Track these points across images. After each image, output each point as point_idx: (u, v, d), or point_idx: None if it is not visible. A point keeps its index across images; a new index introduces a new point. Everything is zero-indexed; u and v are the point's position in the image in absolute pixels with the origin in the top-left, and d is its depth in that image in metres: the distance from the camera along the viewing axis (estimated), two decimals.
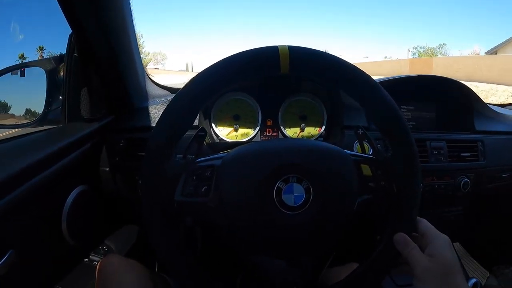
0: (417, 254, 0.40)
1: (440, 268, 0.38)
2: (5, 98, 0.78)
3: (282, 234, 0.42)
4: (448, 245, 0.41)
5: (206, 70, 0.41)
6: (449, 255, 0.39)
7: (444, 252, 0.40)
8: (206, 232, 0.79)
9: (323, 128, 0.86)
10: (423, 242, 0.42)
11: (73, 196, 0.65)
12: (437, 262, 0.39)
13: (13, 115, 0.79)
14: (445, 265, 0.39)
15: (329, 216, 0.43)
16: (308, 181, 0.41)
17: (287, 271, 0.45)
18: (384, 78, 0.87)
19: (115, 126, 0.77)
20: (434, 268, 0.38)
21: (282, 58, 0.40)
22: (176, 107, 0.41)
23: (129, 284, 0.57)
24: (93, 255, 0.93)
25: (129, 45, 0.75)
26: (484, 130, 0.88)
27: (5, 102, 0.79)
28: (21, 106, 0.80)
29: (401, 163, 0.44)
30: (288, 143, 0.49)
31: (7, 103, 0.79)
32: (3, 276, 0.48)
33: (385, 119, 0.43)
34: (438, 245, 0.40)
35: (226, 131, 0.85)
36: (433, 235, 0.42)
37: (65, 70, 0.74)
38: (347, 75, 0.42)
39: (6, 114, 0.80)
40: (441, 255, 0.39)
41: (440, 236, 0.42)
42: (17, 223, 0.52)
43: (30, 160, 0.54)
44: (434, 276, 0.38)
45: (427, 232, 0.42)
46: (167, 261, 0.42)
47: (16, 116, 0.79)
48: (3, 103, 0.80)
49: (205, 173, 0.43)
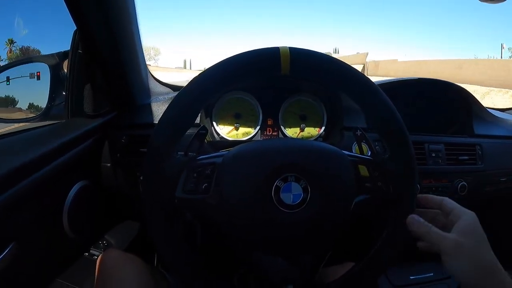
0: (438, 232, 0.41)
1: (472, 242, 0.39)
2: (9, 92, 0.79)
3: (280, 232, 0.43)
4: (476, 221, 0.41)
5: (207, 70, 0.42)
6: (478, 230, 0.40)
7: (475, 227, 0.40)
8: (205, 229, 0.80)
9: (323, 128, 0.87)
10: (449, 219, 0.43)
11: (74, 191, 0.66)
12: (469, 237, 0.39)
13: (20, 108, 0.80)
14: (476, 240, 0.39)
15: (326, 215, 0.43)
16: (306, 181, 0.42)
17: (284, 269, 0.46)
18: (383, 81, 0.88)
19: (117, 123, 0.78)
20: (465, 242, 0.39)
21: (283, 60, 0.41)
22: (178, 106, 0.42)
23: (129, 279, 0.58)
24: (93, 249, 0.94)
25: (133, 42, 0.75)
26: (482, 134, 0.88)
27: (10, 96, 0.79)
28: (25, 100, 0.81)
29: (399, 165, 0.45)
30: (288, 142, 0.49)
31: (13, 98, 0.80)
32: (5, 268, 0.49)
33: (383, 121, 0.44)
34: (468, 220, 0.41)
35: (227, 130, 0.86)
36: (461, 211, 0.42)
37: (69, 66, 0.75)
38: (346, 77, 0.43)
39: (12, 108, 0.80)
40: (471, 230, 0.40)
41: (468, 212, 0.42)
42: (19, 216, 0.53)
43: (33, 154, 0.55)
44: (467, 250, 0.39)
45: (454, 208, 0.43)
46: (167, 257, 0.43)
47: (21, 111, 0.80)
48: (7, 97, 0.80)
49: (205, 170, 0.44)
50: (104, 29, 0.67)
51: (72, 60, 0.74)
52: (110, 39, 0.69)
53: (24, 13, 0.86)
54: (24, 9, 0.87)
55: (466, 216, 0.41)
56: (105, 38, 0.68)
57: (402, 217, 0.45)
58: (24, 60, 0.87)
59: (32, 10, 0.88)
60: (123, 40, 0.72)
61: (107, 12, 0.65)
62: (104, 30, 0.67)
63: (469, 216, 0.42)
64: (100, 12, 0.64)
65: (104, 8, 0.64)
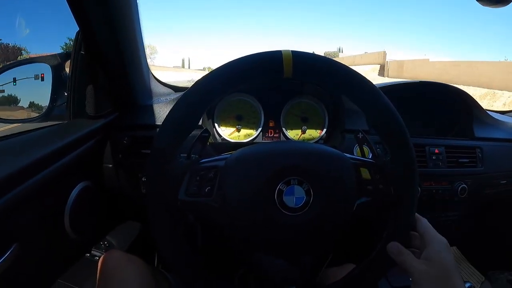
0: (411, 260, 0.40)
1: (436, 271, 0.38)
2: (10, 93, 0.79)
3: (282, 234, 0.43)
4: (445, 248, 0.40)
5: (211, 73, 0.42)
6: (446, 258, 0.39)
7: (441, 255, 0.39)
8: (206, 230, 0.80)
9: (324, 130, 0.87)
10: (422, 242, 0.42)
11: (76, 192, 0.66)
12: (434, 266, 0.38)
13: (22, 109, 0.80)
14: (442, 269, 0.38)
15: (328, 217, 0.44)
16: (309, 183, 0.42)
17: (286, 270, 0.46)
18: (385, 84, 0.88)
19: (119, 124, 0.78)
20: (431, 271, 0.38)
21: (285, 63, 0.41)
22: (181, 108, 0.42)
23: (130, 279, 0.58)
24: (95, 250, 0.94)
25: (135, 43, 0.76)
26: (483, 137, 0.89)
27: (11, 97, 0.79)
28: (26, 101, 0.81)
29: (400, 167, 0.45)
30: (290, 145, 0.50)
31: (14, 98, 0.80)
32: (7, 269, 0.49)
33: (384, 124, 0.44)
34: (435, 248, 0.40)
35: (229, 131, 0.86)
36: (431, 237, 0.42)
37: (71, 67, 0.75)
38: (348, 80, 0.43)
39: (13, 108, 0.81)
40: (438, 258, 0.39)
41: (438, 239, 0.41)
42: (21, 217, 0.53)
43: (35, 156, 0.55)
44: (430, 279, 0.38)
45: (425, 233, 0.42)
46: (168, 258, 0.43)
47: (23, 111, 0.80)
48: (8, 97, 0.80)
49: (208, 173, 0.44)
50: (106, 30, 0.67)
51: (74, 61, 0.74)
52: (113, 40, 0.69)
53: (26, 14, 0.86)
54: (27, 9, 0.87)
55: (434, 244, 0.41)
56: (107, 39, 0.68)
57: (402, 219, 0.45)
58: (26, 61, 0.87)
59: (34, 10, 0.88)
60: (126, 41, 0.72)
61: (109, 13, 0.65)
62: (106, 31, 0.67)
63: (437, 243, 0.41)
64: (103, 13, 0.65)
65: (107, 9, 0.65)
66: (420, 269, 0.39)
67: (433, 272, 0.38)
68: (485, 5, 0.80)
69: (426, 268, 0.39)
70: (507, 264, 1.08)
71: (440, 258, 0.39)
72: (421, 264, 0.39)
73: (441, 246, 0.40)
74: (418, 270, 0.39)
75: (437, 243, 0.41)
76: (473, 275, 1.18)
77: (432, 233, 0.42)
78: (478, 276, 1.17)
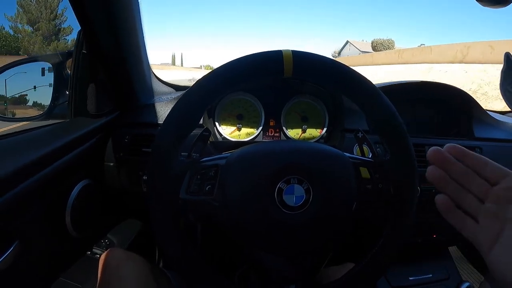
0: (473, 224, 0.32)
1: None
2: (13, 91, 0.79)
3: (281, 233, 0.43)
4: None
5: (212, 72, 0.43)
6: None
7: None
8: (206, 229, 0.80)
9: (324, 130, 0.87)
10: (491, 172, 0.32)
11: (77, 190, 0.67)
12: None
13: (24, 107, 0.80)
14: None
15: (328, 216, 0.44)
16: (308, 183, 0.43)
17: (285, 268, 0.46)
18: (385, 84, 0.88)
19: (120, 122, 0.78)
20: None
21: (286, 63, 0.41)
22: (182, 107, 0.42)
23: (131, 277, 0.58)
24: (96, 248, 0.94)
25: (137, 42, 0.76)
26: (483, 137, 0.89)
27: (13, 95, 0.80)
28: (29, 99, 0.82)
29: (399, 167, 0.45)
30: (290, 145, 0.50)
31: (16, 97, 0.80)
32: (9, 267, 0.49)
33: (384, 124, 0.44)
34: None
35: (230, 130, 0.87)
36: (502, 167, 0.32)
37: (72, 65, 0.75)
38: (348, 80, 0.43)
39: (15, 106, 0.81)
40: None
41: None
42: (23, 215, 0.53)
43: (36, 154, 0.55)
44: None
45: (489, 162, 0.33)
46: (169, 256, 0.43)
47: (25, 109, 0.81)
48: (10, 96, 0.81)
49: (209, 172, 0.45)
50: (108, 29, 0.67)
51: (76, 59, 0.74)
52: (114, 39, 0.69)
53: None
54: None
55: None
56: (109, 38, 0.68)
57: (402, 218, 0.45)
58: (28, 59, 0.87)
59: None
60: (127, 39, 0.72)
61: (111, 12, 0.66)
62: (108, 30, 0.67)
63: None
64: (104, 12, 0.65)
65: (108, 8, 0.65)
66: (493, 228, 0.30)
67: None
68: (485, 6, 0.80)
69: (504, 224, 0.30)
70: None
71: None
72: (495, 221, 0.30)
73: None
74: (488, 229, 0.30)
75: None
76: (473, 275, 1.19)
77: (497, 165, 0.32)
78: (478, 276, 1.17)
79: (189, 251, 0.43)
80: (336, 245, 0.48)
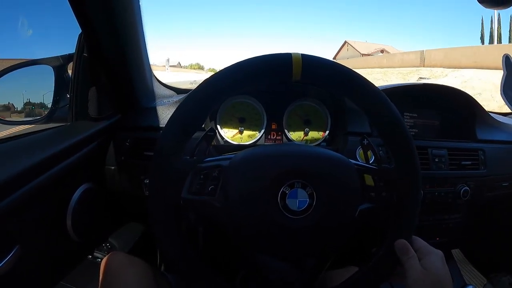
0: (415, 263, 0.41)
1: (432, 281, 0.40)
2: (14, 94, 0.79)
3: (284, 237, 0.43)
4: (441, 260, 0.42)
5: (218, 73, 0.42)
6: (442, 269, 0.41)
7: (437, 266, 0.41)
8: (208, 230, 0.80)
9: (327, 133, 0.87)
10: (418, 255, 0.43)
11: (78, 194, 0.66)
12: (430, 275, 0.40)
13: (23, 110, 0.80)
14: (437, 279, 0.40)
15: (331, 222, 0.44)
16: (312, 187, 0.42)
17: (287, 272, 0.46)
18: (387, 86, 0.88)
19: (121, 125, 0.78)
20: (427, 280, 0.40)
21: (295, 66, 0.41)
22: (187, 109, 0.42)
23: (132, 281, 0.58)
24: (97, 252, 0.94)
25: (138, 45, 0.76)
26: (485, 139, 0.89)
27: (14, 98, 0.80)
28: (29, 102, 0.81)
29: (402, 170, 0.45)
30: (296, 149, 0.49)
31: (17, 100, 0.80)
32: (9, 271, 0.49)
33: (387, 128, 0.44)
34: (432, 259, 0.42)
35: (232, 133, 0.86)
36: (427, 249, 0.43)
37: (73, 69, 0.75)
38: (355, 85, 0.43)
39: (16, 110, 0.81)
40: (434, 268, 0.41)
41: (434, 251, 0.43)
42: (23, 220, 0.53)
43: (37, 158, 0.55)
44: (425, 287, 0.39)
45: (421, 247, 0.44)
46: (170, 258, 0.43)
47: (26, 112, 0.80)
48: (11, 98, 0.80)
49: (212, 172, 0.44)
50: (109, 32, 0.67)
51: (77, 62, 0.74)
52: (115, 42, 0.69)
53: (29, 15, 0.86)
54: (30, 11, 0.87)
55: (430, 255, 0.42)
56: (110, 41, 0.68)
57: (405, 223, 0.45)
58: (28, 62, 0.87)
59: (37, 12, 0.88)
60: (128, 42, 0.72)
61: (112, 15, 0.66)
62: (109, 33, 0.67)
63: (434, 255, 0.42)
64: (105, 15, 0.65)
65: (109, 11, 0.65)
66: (417, 276, 0.40)
67: (428, 281, 0.40)
68: (487, 7, 0.80)
69: (422, 277, 0.40)
70: (509, 266, 1.08)
71: (436, 269, 0.41)
72: (419, 271, 0.40)
73: (437, 258, 0.42)
74: (416, 275, 0.40)
75: (433, 255, 0.42)
76: (476, 277, 1.18)
77: (427, 246, 0.44)
78: (481, 278, 1.17)
79: (190, 253, 0.43)
80: (338, 249, 0.47)
